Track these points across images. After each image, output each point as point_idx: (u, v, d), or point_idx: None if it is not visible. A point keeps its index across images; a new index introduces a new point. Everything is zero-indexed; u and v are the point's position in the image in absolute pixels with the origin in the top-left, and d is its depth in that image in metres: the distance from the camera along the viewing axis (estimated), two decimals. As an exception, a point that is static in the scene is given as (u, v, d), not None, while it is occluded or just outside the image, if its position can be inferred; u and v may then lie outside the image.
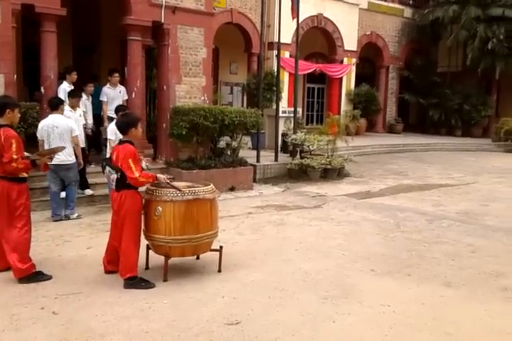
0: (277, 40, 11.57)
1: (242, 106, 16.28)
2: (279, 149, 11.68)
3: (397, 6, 20.18)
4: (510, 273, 4.76)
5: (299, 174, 10.77)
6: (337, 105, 18.83)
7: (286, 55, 16.78)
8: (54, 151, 4.76)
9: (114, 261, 4.47)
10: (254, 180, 10.02)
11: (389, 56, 20.19)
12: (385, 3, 19.81)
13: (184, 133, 8.96)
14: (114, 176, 4.17)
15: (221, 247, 4.64)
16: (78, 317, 3.60)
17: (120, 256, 4.27)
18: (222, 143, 10.21)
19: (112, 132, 6.39)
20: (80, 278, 4.41)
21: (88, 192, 7.53)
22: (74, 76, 7.98)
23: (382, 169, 12.33)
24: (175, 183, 4.52)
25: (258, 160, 10.76)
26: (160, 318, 3.61)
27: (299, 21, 12.65)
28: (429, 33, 20.06)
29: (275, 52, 16.60)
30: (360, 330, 3.48)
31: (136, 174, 4.07)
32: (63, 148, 5.28)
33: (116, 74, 8.74)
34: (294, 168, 10.78)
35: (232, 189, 9.30)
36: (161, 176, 4.39)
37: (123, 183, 4.17)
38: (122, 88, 8.84)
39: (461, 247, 5.63)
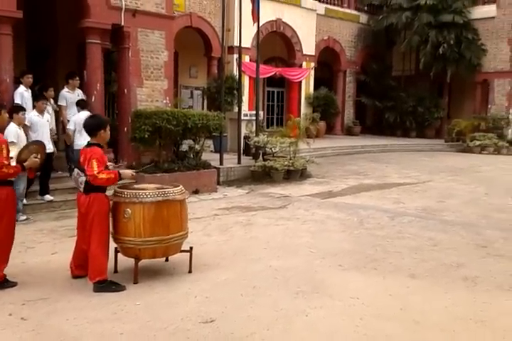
0: (238, 44, 11.69)
1: (203, 109, 16.26)
2: (242, 152, 11.77)
3: (353, 12, 20.73)
4: (470, 264, 4.99)
5: (263, 176, 10.87)
6: (297, 108, 19.13)
7: (246, 59, 16.94)
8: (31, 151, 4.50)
9: (82, 265, 4.40)
10: (218, 183, 10.05)
11: (346, 60, 20.69)
12: (342, 9, 20.31)
13: (147, 136, 8.89)
14: (83, 178, 4.12)
15: (191, 248, 4.64)
16: (49, 322, 3.53)
17: (89, 259, 4.20)
18: (184, 147, 10.18)
19: (72, 123, 6.30)
20: (46, 283, 4.30)
21: (48, 198, 7.35)
22: (28, 79, 7.74)
23: (343, 170, 12.61)
24: (142, 185, 4.50)
25: (221, 163, 10.80)
26: (133, 320, 3.59)
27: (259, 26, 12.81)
28: (384, 38, 20.71)
29: (235, 56, 16.81)
30: (332, 322, 3.58)
31: (95, 170, 3.97)
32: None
33: (77, 78, 8.58)
34: (258, 170, 10.87)
35: (196, 192, 9.28)
36: (126, 171, 4.37)
37: (91, 186, 4.12)
38: (80, 91, 8.68)
39: (422, 241, 5.86)
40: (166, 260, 4.87)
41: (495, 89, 19.66)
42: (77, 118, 7.63)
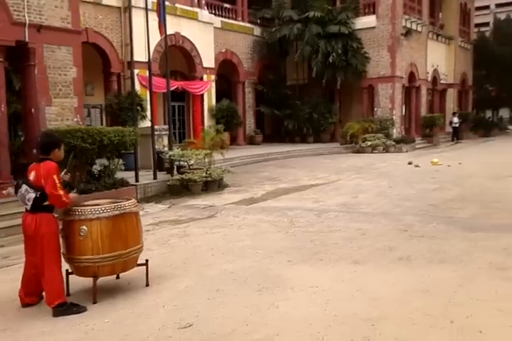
0: (139, 59, 11.68)
1: (103, 128, 15.82)
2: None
3: (247, 24, 21.53)
4: (399, 246, 5.58)
5: (181, 189, 10.91)
6: (200, 121, 19.36)
7: (147, 73, 16.81)
8: None
9: (33, 292, 4.24)
10: (137, 200, 9.91)
11: (244, 72, 21.40)
12: (236, 22, 21.01)
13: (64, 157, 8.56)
14: (32, 195, 3.97)
15: (147, 260, 4.65)
16: (19, 351, 3.38)
17: (45, 284, 4.04)
18: (96, 167, 9.93)
19: None
20: (-5, 316, 4.06)
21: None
22: None
23: (256, 177, 13.06)
24: (92, 201, 4.45)
25: (137, 180, 10.68)
26: (110, 336, 3.56)
27: (160, 40, 12.93)
28: (278, 49, 21.79)
29: (136, 71, 16.63)
30: (303, 310, 3.86)
31: (61, 192, 3.95)
32: None
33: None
34: (175, 183, 10.91)
35: (117, 210, 9.08)
36: (73, 195, 4.32)
37: (40, 205, 4.00)
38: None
39: (352, 232, 6.39)
40: (117, 277, 4.82)
41: (379, 93, 21.57)
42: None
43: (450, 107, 27.98)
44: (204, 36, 18.74)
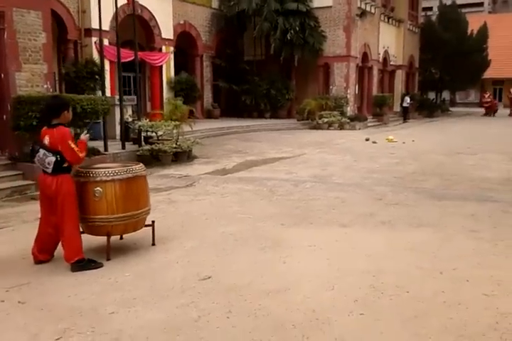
0: (95, 27, 11.43)
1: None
2: (120, 137, 11.75)
3: (204, -4, 21.27)
4: (378, 212, 6.10)
5: (150, 160, 10.96)
6: (159, 93, 19.15)
7: (105, 42, 16.37)
8: None
9: (47, 250, 4.38)
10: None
11: (202, 45, 21.22)
12: (195, -6, 20.72)
13: (35, 123, 8.42)
14: (52, 159, 4.07)
15: (153, 221, 4.87)
16: (51, 301, 3.55)
17: (64, 241, 4.21)
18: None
19: None
20: (12, 273, 4.16)
21: None
22: None
23: (222, 149, 13.28)
24: (103, 164, 4.59)
25: (106, 149, 10.65)
26: (135, 287, 3.80)
27: (118, 7, 12.56)
28: (236, 23, 21.69)
29: (94, 39, 16.16)
30: (308, 265, 4.26)
31: (79, 154, 4.10)
32: None
33: None
34: (145, 153, 10.95)
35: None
36: (85, 137, 4.43)
37: (60, 167, 4.11)
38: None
39: (331, 200, 6.86)
40: (121, 238, 5.01)
41: (335, 72, 22.15)
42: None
43: (398, 88, 29.15)
44: (163, 6, 18.36)
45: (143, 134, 11.96)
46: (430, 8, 46.68)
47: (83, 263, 4.18)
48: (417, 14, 31.55)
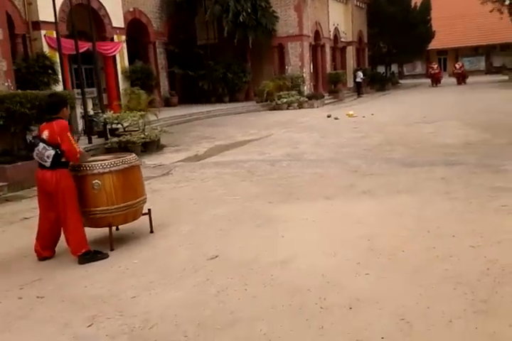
0: (43, 19, 11.17)
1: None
2: (83, 132, 11.65)
3: (152, -19, 20.83)
4: (357, 183, 6.44)
5: (119, 152, 10.92)
6: (115, 83, 18.81)
7: (54, 34, 15.91)
8: None
9: (49, 246, 4.45)
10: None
11: (154, 32, 20.88)
12: (142, -20, 20.27)
13: (2, 123, 8.25)
14: (52, 152, 4.11)
15: (149, 210, 4.99)
16: (70, 293, 3.66)
17: (68, 235, 4.28)
18: (35, 132, 9.64)
19: None
20: (19, 271, 4.21)
21: None
22: None
23: (189, 136, 13.32)
24: (97, 157, 4.65)
25: (73, 145, 10.50)
26: (148, 272, 3.95)
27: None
28: (187, 8, 21.42)
29: (43, 32, 15.66)
30: (305, 236, 4.52)
31: (76, 147, 4.17)
32: None
33: None
34: (114, 146, 10.89)
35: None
36: (81, 150, 4.50)
37: (59, 161, 4.17)
38: None
39: (310, 176, 7.14)
40: (117, 229, 5.10)
41: (289, 52, 22.37)
42: None
43: (350, 64, 29.75)
44: (112, -6, 17.93)
45: (108, 126, 11.86)
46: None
47: (90, 255, 4.28)
48: (362, -10, 32.07)
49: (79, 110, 12.31)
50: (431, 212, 4.98)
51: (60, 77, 16.05)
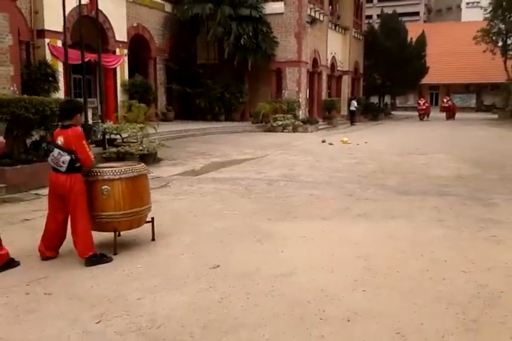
0: (48, 28, 11.44)
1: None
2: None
3: (158, 0, 21.33)
4: (353, 207, 6.64)
5: (117, 162, 11.05)
6: (113, 96, 19.05)
7: (58, 43, 16.25)
8: None
9: (54, 247, 4.56)
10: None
11: (155, 48, 21.31)
12: (148, -3, 20.79)
13: (6, 126, 8.39)
14: (67, 158, 4.27)
15: (152, 218, 5.13)
16: (77, 292, 3.76)
17: (77, 237, 4.39)
18: (36, 136, 9.77)
19: None
20: (24, 269, 4.29)
21: None
22: None
23: (185, 152, 13.50)
24: (107, 164, 4.80)
25: (71, 152, 10.61)
26: (153, 276, 4.07)
27: (72, 9, 12.56)
28: (189, 27, 21.93)
29: (47, 40, 15.95)
30: (304, 253, 4.69)
31: (91, 154, 4.32)
32: None
33: None
34: (112, 156, 11.02)
35: (57, 182, 9.10)
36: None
37: (74, 166, 4.31)
38: None
39: (307, 197, 7.34)
40: (119, 235, 5.21)
41: (287, 76, 22.90)
42: None
43: (345, 92, 30.43)
44: (117, 9, 18.35)
45: (106, 136, 12.01)
46: (370, 17, 48.91)
47: (96, 258, 4.39)
48: (361, 22, 33.06)
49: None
50: (424, 237, 5.19)
51: (60, 85, 16.34)
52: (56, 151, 4.32)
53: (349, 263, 4.36)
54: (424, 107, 33.27)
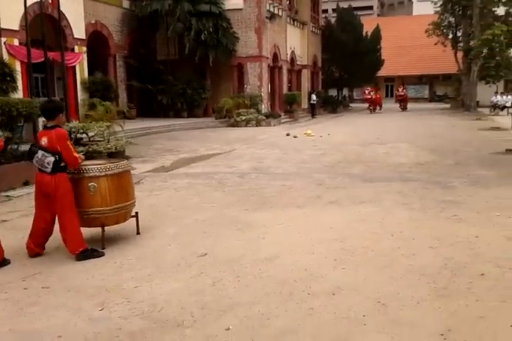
0: (4, 26, 11.28)
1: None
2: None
3: (116, -4, 21.13)
4: (324, 195, 7.00)
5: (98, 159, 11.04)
6: (74, 94, 18.76)
7: (15, 42, 15.90)
8: None
9: (41, 244, 4.68)
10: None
11: (114, 45, 21.09)
12: (105, -7, 20.53)
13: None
14: (51, 159, 4.37)
15: (137, 213, 5.30)
16: (74, 284, 3.93)
17: (66, 235, 4.52)
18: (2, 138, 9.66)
19: None
20: (15, 266, 4.40)
21: None
22: None
23: (153, 149, 13.58)
24: (91, 161, 4.95)
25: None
26: (144, 267, 4.28)
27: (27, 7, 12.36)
28: (149, 23, 21.80)
29: (3, 39, 15.56)
30: (284, 238, 5.00)
31: (77, 154, 4.46)
32: None
33: None
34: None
35: (26, 183, 9.06)
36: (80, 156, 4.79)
37: (58, 166, 4.43)
38: None
39: (279, 187, 7.65)
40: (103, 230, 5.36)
41: (248, 72, 23.15)
42: None
43: (305, 86, 30.97)
44: (74, 6, 18.04)
45: (72, 136, 11.93)
46: (326, 11, 49.62)
47: (88, 253, 4.54)
48: (318, 17, 33.65)
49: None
50: (393, 219, 5.60)
51: (19, 84, 15.98)
52: (40, 153, 4.42)
53: (327, 246, 4.70)
54: (370, 97, 32.47)
